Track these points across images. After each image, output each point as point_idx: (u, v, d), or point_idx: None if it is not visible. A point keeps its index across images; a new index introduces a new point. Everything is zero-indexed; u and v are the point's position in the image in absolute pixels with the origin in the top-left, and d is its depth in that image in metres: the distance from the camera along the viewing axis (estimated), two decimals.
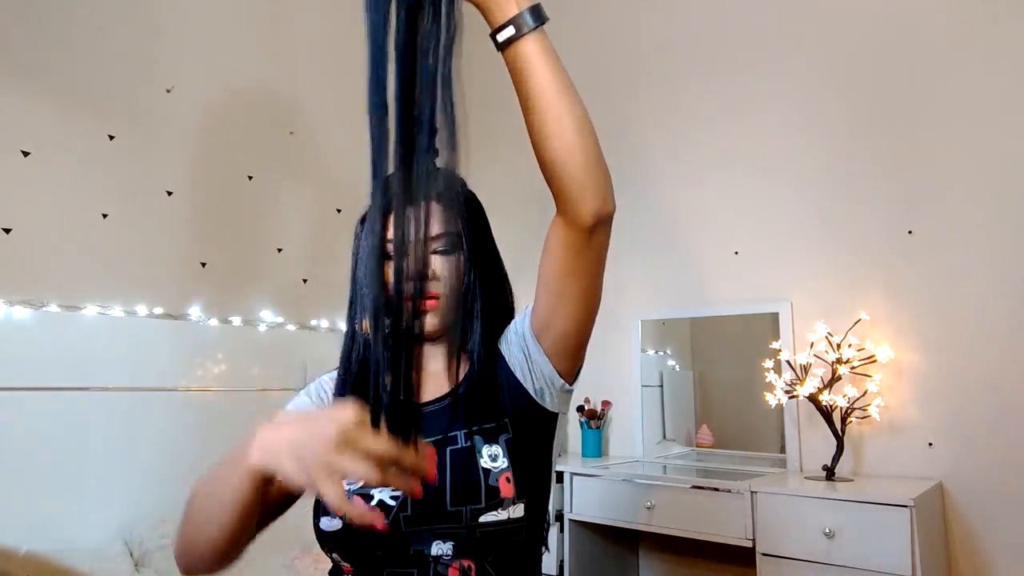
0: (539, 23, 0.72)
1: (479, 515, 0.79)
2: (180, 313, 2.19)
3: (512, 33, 0.71)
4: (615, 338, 2.59)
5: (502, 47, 0.73)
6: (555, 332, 0.86)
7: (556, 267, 0.83)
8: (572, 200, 0.76)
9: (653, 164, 2.61)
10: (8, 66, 1.92)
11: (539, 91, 0.73)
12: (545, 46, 0.73)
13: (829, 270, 2.18)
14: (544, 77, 0.72)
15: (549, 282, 0.84)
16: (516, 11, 0.71)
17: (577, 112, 0.74)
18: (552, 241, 0.82)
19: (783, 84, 2.33)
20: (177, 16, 2.30)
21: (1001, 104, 1.93)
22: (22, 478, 1.81)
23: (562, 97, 0.73)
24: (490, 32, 0.73)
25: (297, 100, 2.61)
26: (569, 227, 0.79)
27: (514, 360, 0.90)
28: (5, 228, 1.87)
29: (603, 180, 0.76)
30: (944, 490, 1.91)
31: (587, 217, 0.76)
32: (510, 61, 0.73)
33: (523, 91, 0.74)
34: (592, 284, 0.84)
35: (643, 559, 2.49)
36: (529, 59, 0.72)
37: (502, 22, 0.71)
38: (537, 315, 0.88)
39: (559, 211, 0.79)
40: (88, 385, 1.97)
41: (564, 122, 0.73)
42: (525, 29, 0.71)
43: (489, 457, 0.83)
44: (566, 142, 0.73)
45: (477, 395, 0.87)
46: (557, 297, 0.84)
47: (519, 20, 0.71)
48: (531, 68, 0.72)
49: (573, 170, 0.74)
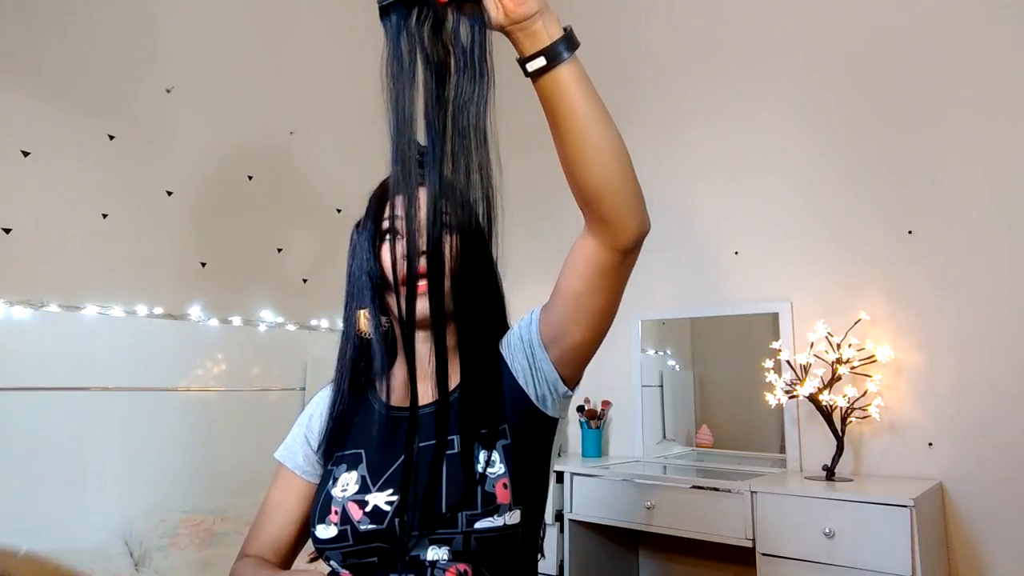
0: (572, 52, 0.68)
1: (475, 521, 0.79)
2: (180, 313, 2.19)
3: (543, 64, 0.67)
4: (615, 338, 2.58)
5: (533, 76, 0.69)
6: (568, 343, 0.85)
7: (581, 284, 0.81)
8: (612, 225, 0.74)
9: (653, 164, 2.61)
10: (8, 66, 1.92)
11: (573, 119, 0.70)
12: (579, 74, 0.69)
13: (829, 270, 2.18)
14: (579, 105, 0.69)
15: (570, 296, 0.83)
16: (548, 40, 0.67)
17: (613, 138, 0.71)
18: (580, 259, 0.80)
19: (783, 84, 2.33)
20: (177, 16, 2.30)
21: (1001, 104, 1.93)
22: (22, 478, 1.81)
23: (598, 125, 0.70)
24: (518, 59, 0.69)
25: (297, 100, 2.61)
26: (605, 249, 0.77)
27: (517, 366, 0.89)
28: (5, 228, 1.87)
29: (640, 202, 0.75)
30: (944, 490, 1.91)
31: (628, 240, 0.75)
32: (543, 89, 0.69)
33: (556, 119, 0.71)
34: (615, 300, 0.84)
35: (643, 559, 2.49)
36: (563, 88, 0.69)
37: (532, 51, 0.67)
38: (550, 325, 0.86)
39: (594, 233, 0.77)
40: (88, 385, 1.96)
41: (602, 150, 0.71)
42: (559, 60, 0.67)
43: (486, 462, 0.83)
44: (604, 170, 0.71)
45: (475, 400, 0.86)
46: (576, 311, 0.83)
47: (552, 50, 0.67)
48: (565, 97, 0.69)
49: (612, 196, 0.72)
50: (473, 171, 0.66)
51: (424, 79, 0.65)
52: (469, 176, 0.66)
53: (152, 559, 1.82)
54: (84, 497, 1.92)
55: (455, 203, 0.70)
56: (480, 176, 0.67)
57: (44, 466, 1.86)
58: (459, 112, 0.64)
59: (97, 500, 1.94)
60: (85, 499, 1.92)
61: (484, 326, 0.90)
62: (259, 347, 2.37)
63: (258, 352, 2.37)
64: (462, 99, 0.64)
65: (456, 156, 0.65)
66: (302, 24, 2.66)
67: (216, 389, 2.25)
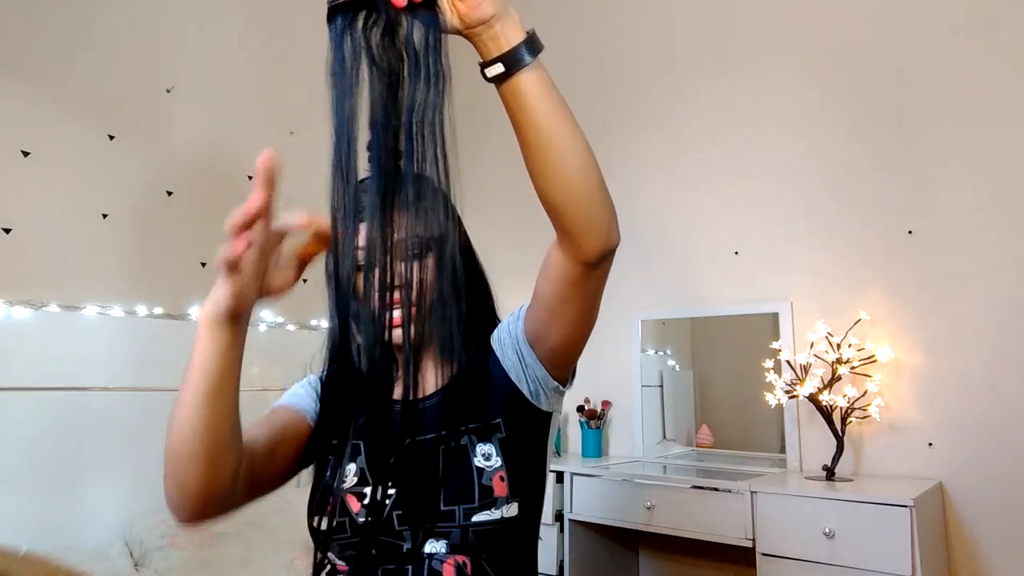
0: (534, 56, 0.64)
1: (472, 514, 0.79)
2: (180, 313, 2.19)
3: (502, 70, 0.64)
4: (615, 338, 2.59)
5: (494, 81, 0.66)
6: (548, 345, 0.86)
7: (552, 291, 0.80)
8: (575, 238, 0.72)
9: (653, 164, 2.61)
10: (8, 67, 1.92)
11: (536, 129, 0.66)
12: (542, 80, 0.66)
13: (829, 270, 2.18)
14: (541, 114, 0.66)
15: (545, 302, 0.82)
16: (508, 45, 0.64)
17: (579, 149, 0.68)
18: (551, 266, 0.79)
19: (784, 84, 2.33)
20: (177, 16, 2.30)
21: (1001, 104, 1.93)
22: (22, 478, 1.81)
23: (561, 137, 0.67)
24: (480, 63, 0.66)
25: (297, 100, 2.61)
26: (570, 260, 0.75)
27: (508, 361, 0.89)
28: (5, 228, 1.87)
29: (608, 216, 0.72)
30: (944, 490, 1.90)
31: (591, 255, 0.73)
32: (504, 96, 0.66)
33: (519, 127, 0.68)
34: (589, 308, 0.82)
35: (643, 559, 2.49)
36: (524, 95, 0.65)
37: (492, 56, 0.64)
38: (531, 325, 0.87)
39: (560, 245, 0.75)
40: (88, 385, 1.96)
41: (565, 161, 0.67)
42: (519, 66, 0.64)
43: (483, 456, 0.83)
44: (568, 182, 0.68)
45: (468, 394, 0.87)
46: (551, 316, 0.83)
47: (512, 56, 0.64)
48: (527, 105, 0.66)
49: (576, 209, 0.70)
50: (428, 162, 0.62)
51: (370, 85, 0.62)
52: (424, 165, 0.63)
53: (152, 559, 1.82)
54: (84, 497, 1.92)
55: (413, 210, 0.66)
56: (437, 166, 0.63)
57: (44, 466, 1.86)
58: (413, 116, 0.61)
59: (97, 500, 1.94)
60: (85, 499, 1.92)
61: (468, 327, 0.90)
62: (259, 347, 2.37)
63: (258, 352, 2.37)
64: (416, 103, 0.61)
65: (409, 152, 0.61)
66: (302, 24, 2.66)
67: None
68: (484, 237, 1.02)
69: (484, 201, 2.95)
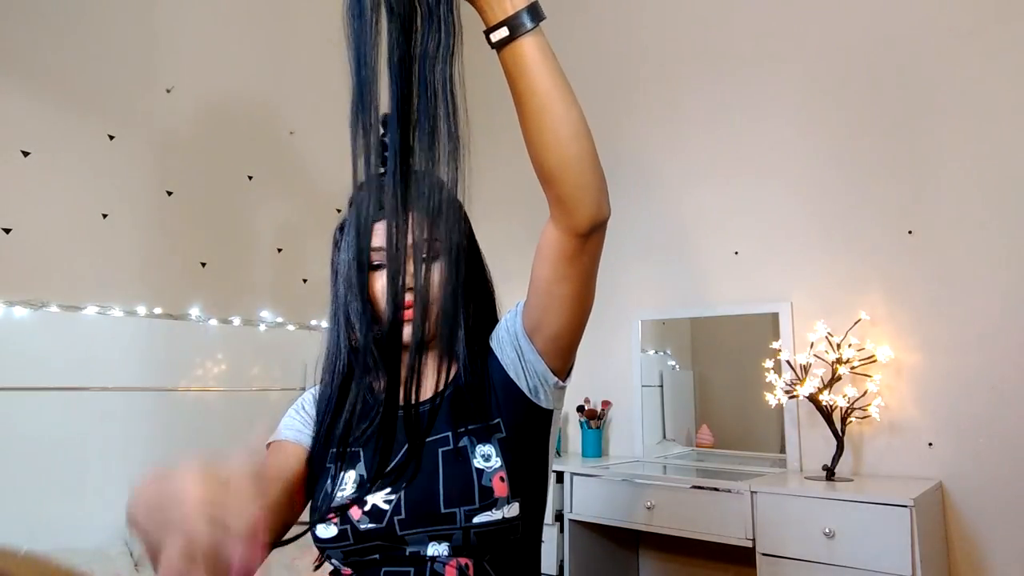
0: (536, 23, 0.68)
1: (473, 516, 0.79)
2: (180, 313, 2.19)
3: (506, 34, 0.67)
4: (615, 338, 2.59)
5: (497, 47, 0.69)
6: (547, 333, 0.86)
7: (548, 271, 0.81)
8: (567, 207, 0.74)
9: (653, 164, 2.61)
10: (8, 66, 1.92)
11: (534, 94, 0.69)
12: (542, 47, 0.69)
13: (829, 270, 2.18)
14: (540, 80, 0.69)
15: (541, 285, 0.83)
16: (512, 10, 0.67)
17: (574, 117, 0.71)
18: (545, 245, 0.80)
19: (784, 84, 2.33)
20: (177, 16, 2.30)
21: (1001, 104, 1.93)
22: (22, 478, 1.81)
23: (558, 103, 0.70)
24: (484, 30, 0.69)
25: (297, 100, 2.61)
26: (563, 233, 0.77)
27: (507, 359, 0.89)
28: (5, 228, 1.87)
29: (599, 186, 0.74)
30: (944, 490, 1.91)
31: (582, 224, 0.75)
32: (505, 62, 0.70)
33: (517, 93, 0.71)
34: (585, 288, 0.83)
35: (643, 559, 2.49)
36: (525, 60, 0.68)
37: (497, 21, 0.68)
38: (529, 315, 0.87)
39: (553, 216, 0.77)
40: (88, 385, 1.96)
41: (560, 127, 0.70)
42: (521, 30, 0.67)
43: (482, 457, 0.83)
44: (562, 148, 0.71)
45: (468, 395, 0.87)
46: (549, 300, 0.83)
47: (515, 21, 0.67)
48: (527, 70, 0.69)
49: (569, 177, 0.72)
50: (440, 142, 0.63)
51: (388, 31, 0.63)
52: (435, 145, 0.63)
53: None
54: (84, 497, 1.92)
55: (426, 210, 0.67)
56: (449, 149, 0.64)
57: (44, 466, 1.86)
58: (424, 68, 0.62)
59: (97, 500, 1.94)
60: (85, 499, 1.92)
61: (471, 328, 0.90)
62: (259, 347, 2.37)
63: (258, 352, 2.37)
64: (428, 52, 0.62)
65: (421, 123, 0.62)
66: (302, 24, 2.66)
67: (216, 389, 2.25)
68: (485, 238, 1.02)
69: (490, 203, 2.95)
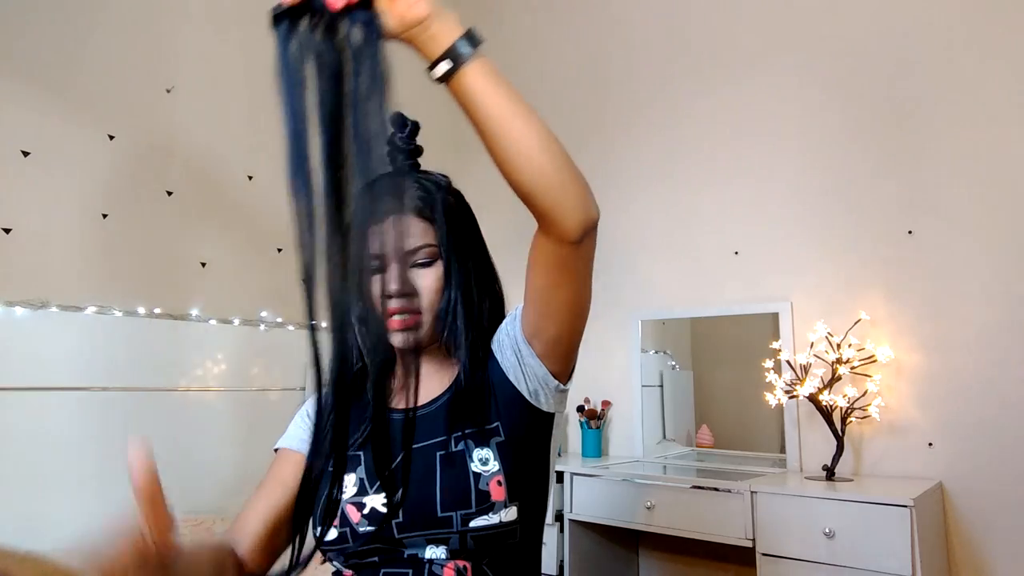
0: (474, 48, 0.66)
1: (470, 520, 0.79)
2: (180, 313, 2.19)
3: (449, 66, 0.66)
4: (615, 338, 2.59)
5: (442, 81, 0.67)
6: (546, 337, 0.85)
7: (543, 280, 0.80)
8: (552, 218, 0.73)
9: (652, 164, 2.61)
10: (8, 66, 1.92)
11: (490, 118, 0.68)
12: (487, 72, 0.67)
13: (829, 270, 2.18)
14: (493, 104, 0.67)
15: (537, 292, 0.82)
16: (448, 42, 0.65)
17: (535, 134, 0.69)
18: (537, 255, 0.79)
19: (783, 84, 2.33)
20: (177, 16, 2.30)
21: (1001, 104, 1.93)
22: (22, 478, 1.81)
23: (516, 123, 0.68)
24: (426, 68, 0.67)
25: None
26: (554, 243, 0.76)
27: (507, 362, 0.89)
28: (5, 228, 1.87)
29: (581, 192, 0.73)
30: (944, 490, 1.90)
31: (572, 231, 0.73)
32: (454, 93, 0.68)
33: (475, 122, 0.69)
34: (581, 291, 0.82)
35: (643, 559, 2.49)
36: (474, 89, 0.67)
37: (436, 56, 0.66)
38: (527, 321, 0.86)
39: (542, 229, 0.76)
40: (88, 385, 1.96)
41: (524, 149, 0.69)
42: (462, 60, 0.65)
43: (480, 461, 0.83)
44: (532, 164, 0.69)
45: (467, 399, 0.87)
46: (546, 306, 0.83)
47: (453, 52, 0.65)
48: (476, 97, 0.67)
49: (547, 191, 0.71)
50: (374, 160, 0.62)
51: (317, 82, 0.63)
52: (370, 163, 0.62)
53: None
54: (84, 497, 1.92)
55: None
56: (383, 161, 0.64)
57: (44, 466, 1.86)
58: (358, 111, 0.62)
59: (97, 500, 1.94)
60: (85, 499, 1.92)
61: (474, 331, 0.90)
62: (259, 347, 2.37)
63: (258, 352, 2.37)
64: (360, 98, 0.61)
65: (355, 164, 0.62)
66: None
67: (216, 389, 2.24)
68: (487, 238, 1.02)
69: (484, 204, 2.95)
